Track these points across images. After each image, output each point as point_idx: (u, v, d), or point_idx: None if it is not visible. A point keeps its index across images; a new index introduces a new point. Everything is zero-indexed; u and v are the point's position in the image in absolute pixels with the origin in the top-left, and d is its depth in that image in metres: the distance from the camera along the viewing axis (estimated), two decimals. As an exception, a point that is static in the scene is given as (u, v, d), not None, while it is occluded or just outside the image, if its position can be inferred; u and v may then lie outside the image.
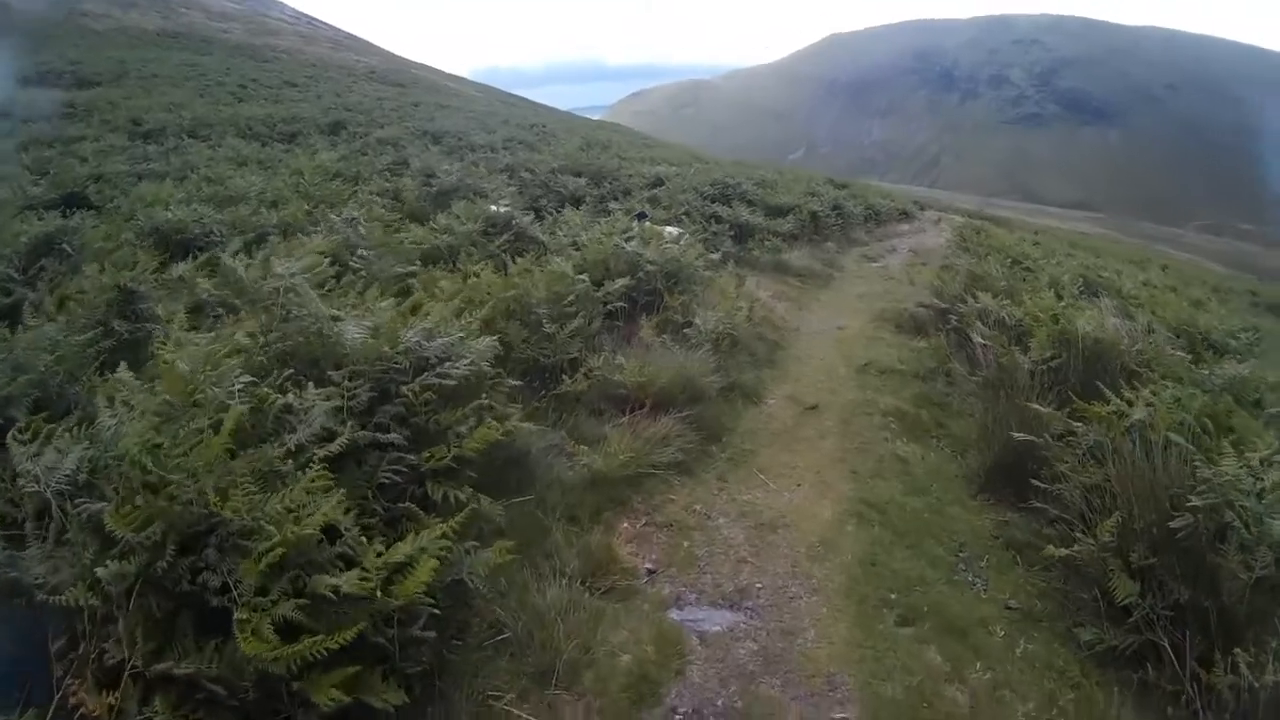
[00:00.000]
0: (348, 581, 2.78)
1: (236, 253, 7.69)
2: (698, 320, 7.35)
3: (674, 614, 4.12)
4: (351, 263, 7.61)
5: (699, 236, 12.08)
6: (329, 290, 6.38)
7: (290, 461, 3.28)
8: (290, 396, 3.61)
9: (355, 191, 13.24)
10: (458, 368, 3.92)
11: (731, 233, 14.00)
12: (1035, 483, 4.92)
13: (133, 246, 8.86)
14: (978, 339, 7.35)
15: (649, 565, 4.54)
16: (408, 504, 3.53)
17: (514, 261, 7.69)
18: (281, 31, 63.36)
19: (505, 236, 9.58)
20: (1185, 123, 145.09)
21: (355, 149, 19.89)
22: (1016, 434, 5.18)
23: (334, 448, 3.32)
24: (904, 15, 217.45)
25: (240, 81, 36.41)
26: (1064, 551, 4.19)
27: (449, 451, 3.67)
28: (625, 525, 4.88)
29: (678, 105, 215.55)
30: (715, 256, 11.20)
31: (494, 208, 10.63)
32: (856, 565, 4.61)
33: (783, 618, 4.15)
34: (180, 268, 7.25)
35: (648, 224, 11.57)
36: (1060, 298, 8.74)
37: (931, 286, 12.29)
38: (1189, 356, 6.79)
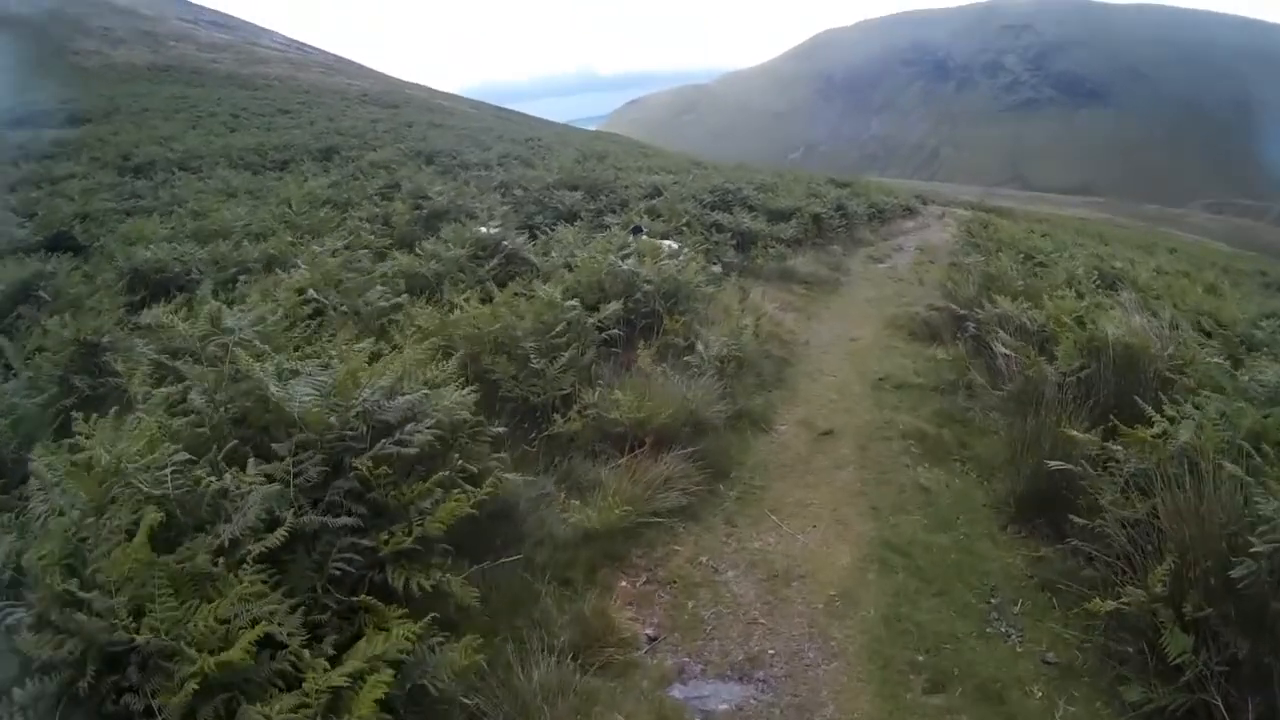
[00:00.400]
0: (280, 712, 2.34)
1: (205, 296, 7.32)
2: (699, 345, 6.89)
3: (676, 691, 3.68)
4: (330, 299, 7.21)
5: (700, 248, 11.66)
6: (303, 333, 5.98)
7: (223, 560, 2.86)
8: (229, 477, 3.18)
9: (345, 218, 12.85)
10: (420, 431, 3.46)
11: (734, 241, 13.54)
12: (1073, 518, 4.44)
13: (110, 290, 8.53)
14: (1001, 349, 6.87)
15: (649, 631, 4.11)
16: (365, 596, 3.09)
17: (501, 289, 7.28)
18: (271, 60, 63.06)
19: (495, 260, 9.19)
20: (1180, 100, 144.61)
21: (348, 174, 19.45)
22: (1051, 463, 4.69)
23: (274, 540, 2.89)
24: (892, 8, 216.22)
25: (232, 111, 36.11)
26: (1111, 605, 3.73)
27: (411, 532, 3.22)
28: (624, 584, 4.44)
29: (675, 112, 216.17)
30: (717, 269, 10.80)
31: (483, 230, 10.21)
32: (879, 622, 4.17)
33: (799, 690, 3.71)
34: (152, 312, 6.80)
35: (644, 238, 11.17)
36: (1081, 296, 8.28)
37: (942, 287, 11.93)
38: (1224, 356, 6.28)
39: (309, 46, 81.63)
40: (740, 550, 4.83)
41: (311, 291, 6.82)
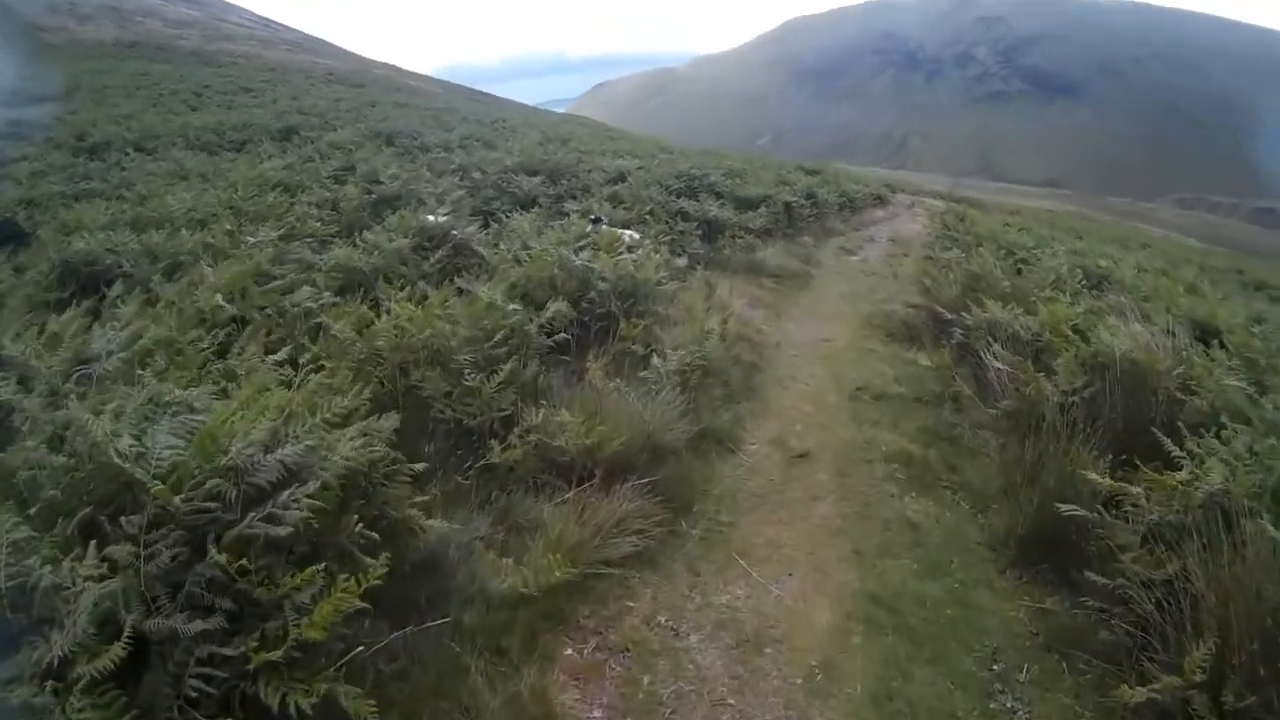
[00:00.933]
0: None
1: (117, 297, 6.57)
2: (656, 361, 6.19)
3: (627, 801, 3.03)
4: (252, 301, 6.46)
5: (664, 238, 11.00)
6: (209, 348, 5.21)
7: (50, 685, 2.17)
8: (67, 566, 2.49)
9: (294, 203, 12.03)
10: (297, 502, 2.74)
11: (700, 231, 12.91)
12: (1088, 575, 3.84)
13: (38, 285, 7.80)
14: (994, 362, 6.26)
15: (598, 715, 3.46)
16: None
17: (441, 286, 6.58)
18: (238, 36, 61.54)
19: (441, 252, 8.45)
20: (1152, 96, 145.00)
21: (305, 155, 18.57)
22: (1061, 507, 4.07)
23: (107, 660, 2.20)
24: None
25: (194, 89, 35.14)
26: (1143, 694, 3.13)
27: (285, 637, 2.51)
28: (569, 653, 3.78)
29: (644, 95, 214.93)
30: (681, 262, 10.14)
31: (431, 218, 9.46)
32: (867, 701, 3.55)
33: (775, 801, 3.07)
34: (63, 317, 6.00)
35: (604, 228, 10.51)
36: (1074, 300, 7.70)
37: (919, 283, 11.38)
38: (1239, 371, 5.68)
39: (277, 24, 79.85)
40: (705, 606, 4.18)
41: (219, 298, 6.01)
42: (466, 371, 5.02)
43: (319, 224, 10.32)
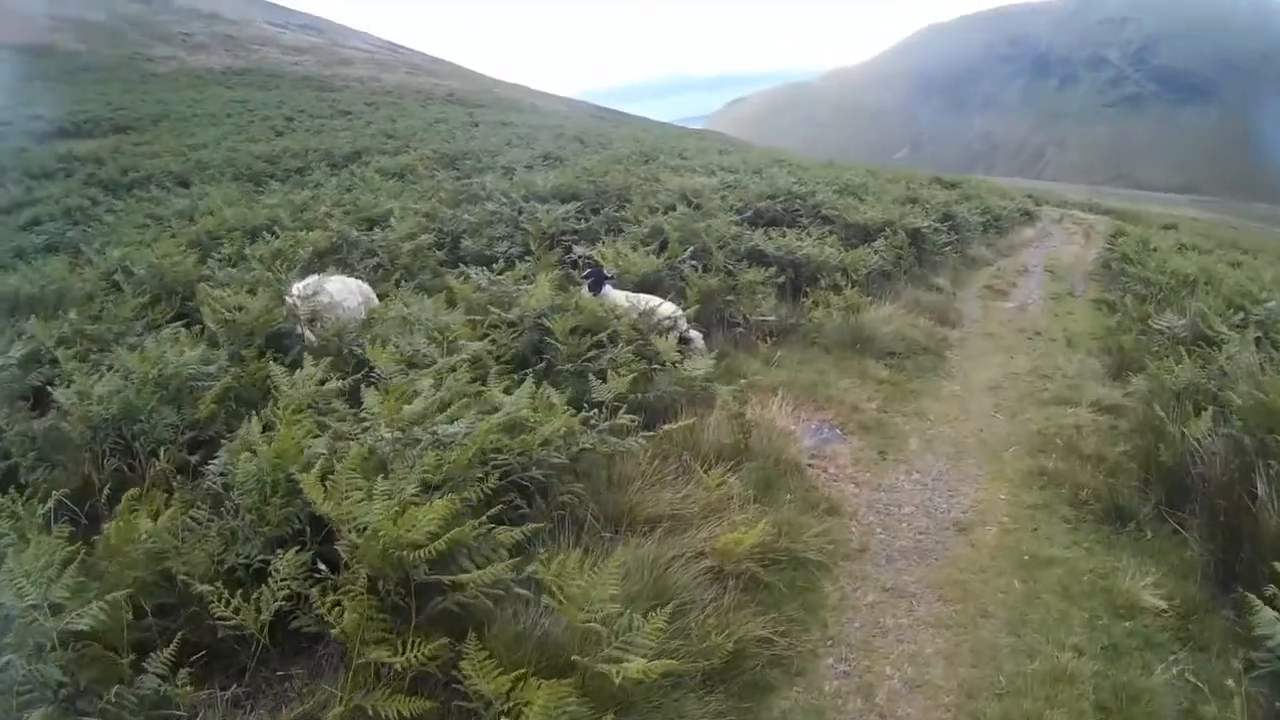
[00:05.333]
0: None
1: None
2: None
3: None
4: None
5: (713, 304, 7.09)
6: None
7: None
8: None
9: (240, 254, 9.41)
10: None
11: (781, 277, 8.81)
12: None
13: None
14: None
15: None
16: None
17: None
18: (356, 61, 60.63)
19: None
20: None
21: (341, 184, 16.78)
22: None
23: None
24: (991, 3, 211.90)
25: (287, 115, 33.86)
26: None
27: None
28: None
29: (776, 110, 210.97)
30: (696, 344, 6.26)
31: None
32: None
33: None
34: None
35: (611, 292, 6.69)
36: None
37: (1105, 352, 8.30)
38: None
39: (403, 48, 79.16)
40: None
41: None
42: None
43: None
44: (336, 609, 2.88)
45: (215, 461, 4.17)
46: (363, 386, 4.37)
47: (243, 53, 55.11)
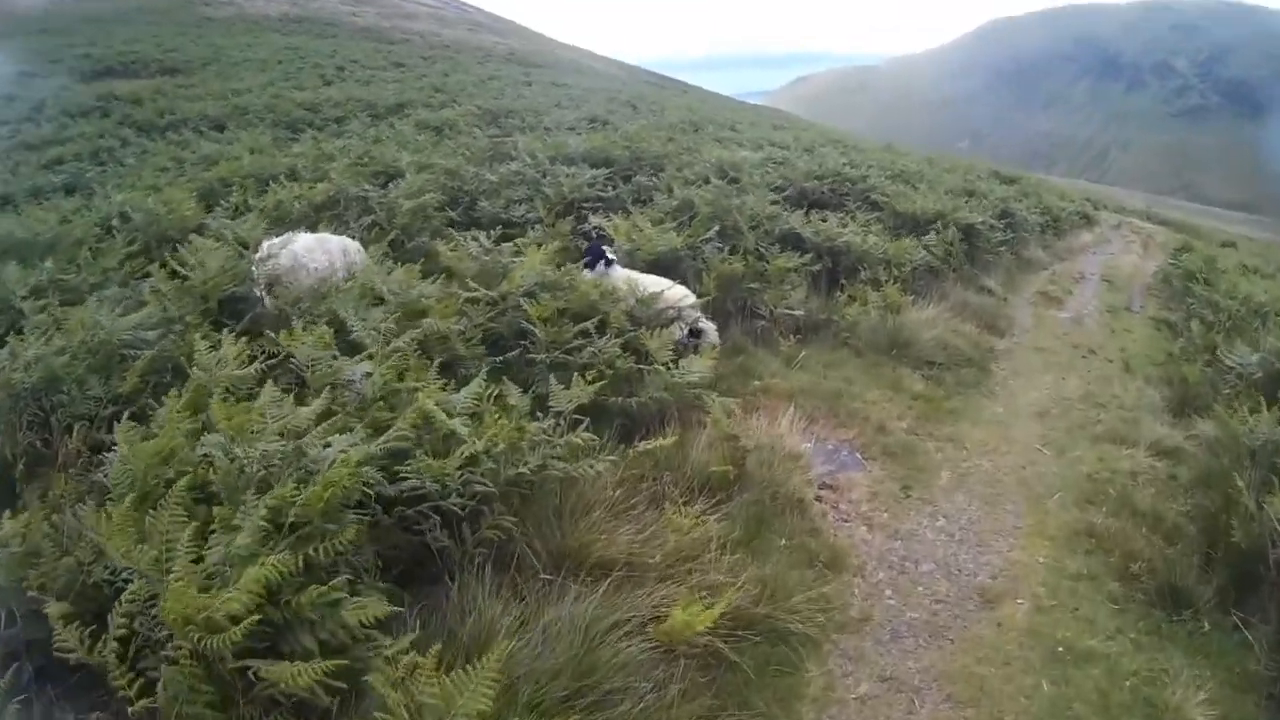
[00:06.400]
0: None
1: None
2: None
3: None
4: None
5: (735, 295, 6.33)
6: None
7: None
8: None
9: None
10: None
11: (818, 265, 7.96)
12: None
13: None
14: None
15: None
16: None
17: None
18: (418, 15, 59.70)
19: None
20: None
21: (374, 136, 16.04)
22: None
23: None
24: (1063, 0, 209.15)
25: (339, 64, 33.28)
26: None
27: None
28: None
29: (842, 92, 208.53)
30: (709, 333, 5.50)
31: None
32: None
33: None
34: None
35: (608, 269, 5.93)
36: None
37: (1164, 380, 7.46)
38: None
39: (465, 5, 78.14)
40: None
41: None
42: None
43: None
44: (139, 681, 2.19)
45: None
46: (270, 380, 3.64)
47: (302, 1, 54.57)
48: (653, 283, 5.96)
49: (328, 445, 2.97)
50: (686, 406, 4.69)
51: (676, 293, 5.95)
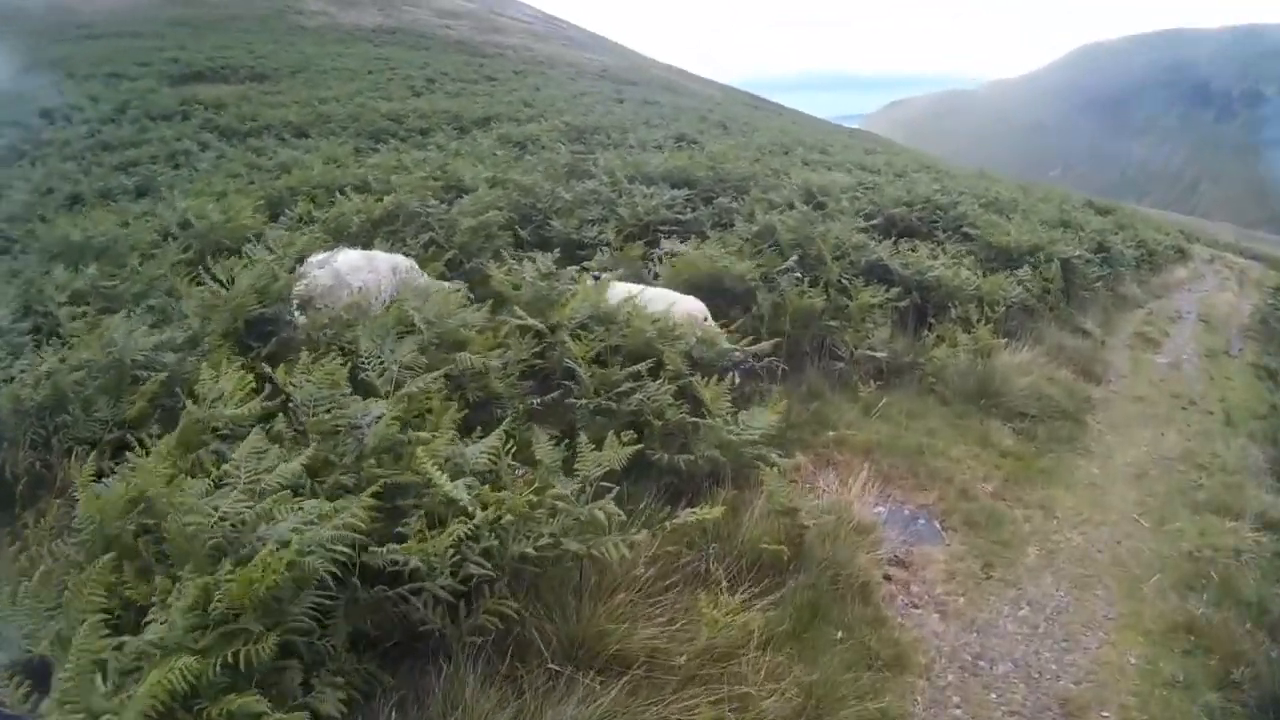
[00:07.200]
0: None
1: None
2: None
3: None
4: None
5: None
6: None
7: None
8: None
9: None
10: None
11: (905, 301, 7.32)
12: None
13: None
14: None
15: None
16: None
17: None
18: (511, 29, 60.11)
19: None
20: None
21: (459, 149, 15.91)
22: None
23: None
24: (1160, 25, 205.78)
25: (430, 76, 33.43)
26: None
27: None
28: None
29: (936, 116, 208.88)
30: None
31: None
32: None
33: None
34: None
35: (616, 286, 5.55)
36: None
37: (1271, 439, 6.78)
38: None
39: (559, 20, 78.57)
40: None
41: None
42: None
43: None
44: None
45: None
46: (270, 419, 3.18)
47: (395, 12, 55.10)
48: (657, 296, 5.47)
49: (276, 520, 2.49)
50: (744, 465, 4.10)
51: (687, 307, 5.45)
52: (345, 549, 2.42)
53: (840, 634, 3.35)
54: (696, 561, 3.38)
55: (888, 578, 3.93)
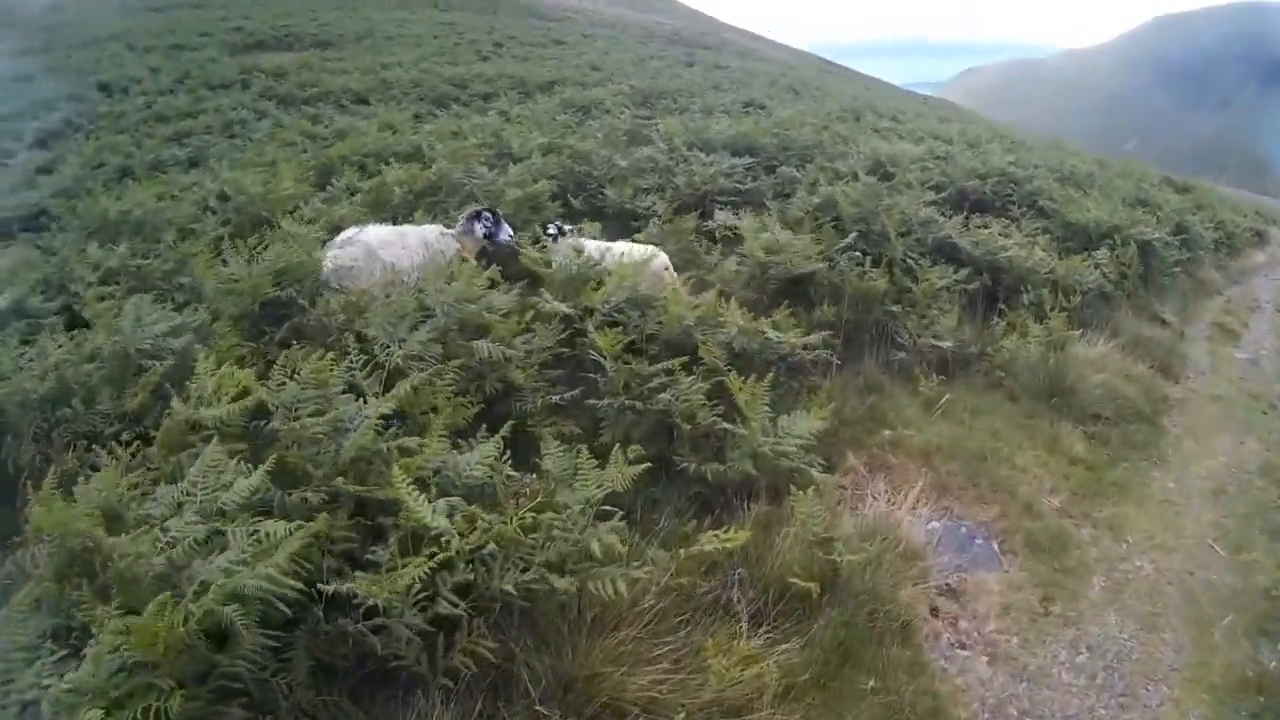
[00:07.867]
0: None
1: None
2: None
3: None
4: None
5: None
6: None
7: None
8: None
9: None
10: None
11: (974, 284, 6.81)
12: None
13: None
14: None
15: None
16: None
17: None
18: (580, -8, 59.56)
19: None
20: None
21: (517, 114, 15.52)
22: None
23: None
24: None
25: (497, 40, 33.09)
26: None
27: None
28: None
29: (1010, 85, 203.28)
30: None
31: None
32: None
33: None
34: None
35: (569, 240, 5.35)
36: None
37: None
38: None
39: (630, -18, 77.60)
40: None
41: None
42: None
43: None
44: None
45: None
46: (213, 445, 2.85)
47: (460, -24, 54.92)
48: (624, 249, 5.21)
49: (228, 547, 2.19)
50: (781, 475, 3.69)
51: (660, 261, 5.27)
52: (294, 584, 2.11)
53: (872, 682, 2.96)
54: (717, 590, 3.00)
55: (934, 611, 3.52)
